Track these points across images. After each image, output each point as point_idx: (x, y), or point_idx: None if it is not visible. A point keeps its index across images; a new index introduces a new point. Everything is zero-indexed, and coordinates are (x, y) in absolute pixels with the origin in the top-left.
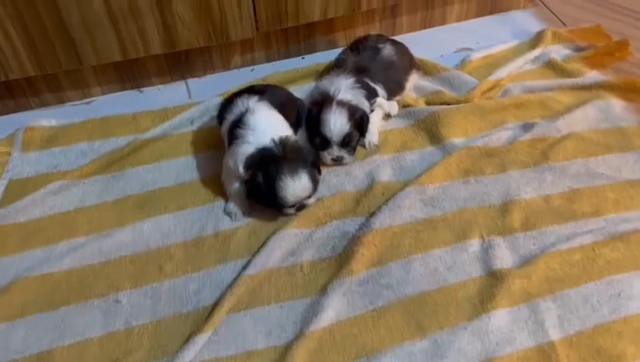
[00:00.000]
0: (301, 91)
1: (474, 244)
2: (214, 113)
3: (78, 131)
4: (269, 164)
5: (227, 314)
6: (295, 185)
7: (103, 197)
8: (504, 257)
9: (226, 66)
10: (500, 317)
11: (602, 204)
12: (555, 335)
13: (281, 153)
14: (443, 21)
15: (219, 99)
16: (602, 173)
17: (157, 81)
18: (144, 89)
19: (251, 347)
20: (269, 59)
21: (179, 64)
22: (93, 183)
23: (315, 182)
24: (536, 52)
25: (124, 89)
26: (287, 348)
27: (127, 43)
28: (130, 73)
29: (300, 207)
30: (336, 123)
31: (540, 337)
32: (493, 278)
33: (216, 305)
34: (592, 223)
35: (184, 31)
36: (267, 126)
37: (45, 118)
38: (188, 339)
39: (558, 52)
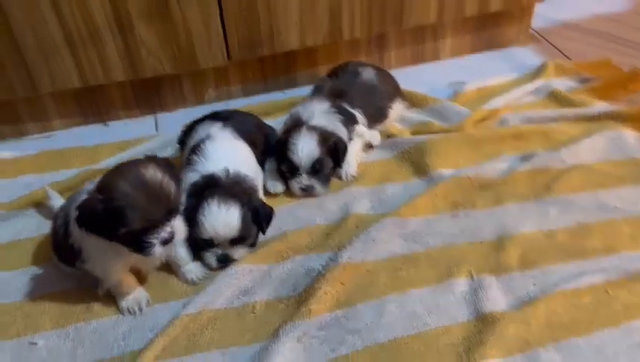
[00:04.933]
0: (277, 123)
1: (461, 284)
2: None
3: (29, 163)
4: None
5: (156, 359)
6: (218, 215)
7: (43, 229)
8: (497, 299)
9: (199, 100)
10: None
11: (616, 240)
12: None
13: (225, 183)
14: (436, 56)
15: None
16: (615, 207)
17: (124, 114)
18: (110, 123)
19: None
20: (246, 94)
21: (148, 96)
22: (34, 215)
23: (246, 226)
24: (538, 83)
25: (87, 123)
26: None
27: (85, 69)
28: (93, 105)
29: (224, 257)
30: (305, 147)
31: None
32: (483, 323)
33: (144, 349)
34: (605, 261)
35: (149, 57)
36: (224, 155)
37: None
38: None
39: (562, 84)
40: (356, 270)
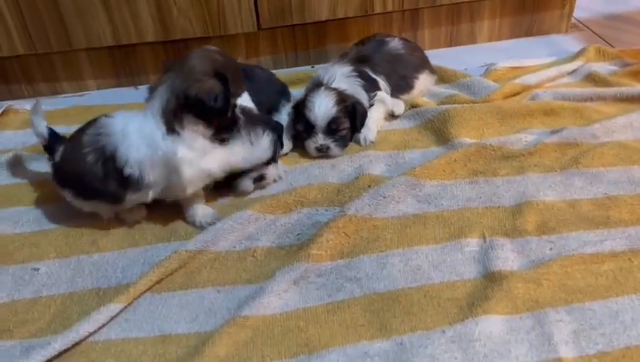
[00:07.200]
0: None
1: (472, 244)
2: None
3: (59, 116)
4: None
5: (151, 290)
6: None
7: None
8: (508, 259)
9: None
10: (492, 324)
11: None
12: (566, 352)
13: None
14: (472, 40)
15: None
16: None
17: (155, 79)
18: (141, 87)
19: (169, 331)
20: (276, 66)
21: None
22: None
23: (274, 147)
24: (575, 64)
25: (119, 85)
26: (210, 335)
27: (118, 26)
28: (127, 68)
29: (259, 178)
30: (321, 106)
31: (545, 352)
32: (490, 281)
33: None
34: (631, 231)
35: (179, 18)
36: None
37: (30, 103)
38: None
39: (602, 67)
40: (363, 223)
